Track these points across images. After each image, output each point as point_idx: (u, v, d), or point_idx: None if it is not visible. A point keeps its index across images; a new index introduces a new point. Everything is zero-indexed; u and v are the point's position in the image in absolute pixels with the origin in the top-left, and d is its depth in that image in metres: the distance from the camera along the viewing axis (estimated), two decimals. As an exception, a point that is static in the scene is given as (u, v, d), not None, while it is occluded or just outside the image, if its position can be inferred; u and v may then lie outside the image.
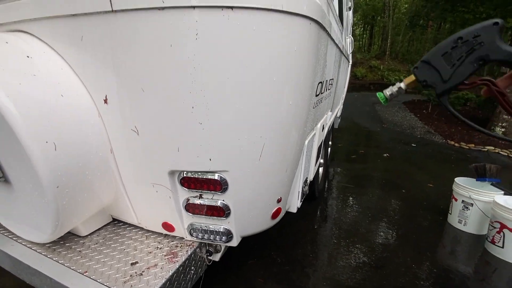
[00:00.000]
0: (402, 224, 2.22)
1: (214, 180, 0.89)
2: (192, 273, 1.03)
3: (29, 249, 1.02)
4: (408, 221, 2.27)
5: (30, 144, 0.71)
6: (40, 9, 0.82)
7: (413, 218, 2.32)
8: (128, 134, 0.87)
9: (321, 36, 0.95)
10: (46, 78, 0.80)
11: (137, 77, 0.79)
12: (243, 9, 0.69)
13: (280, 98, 0.83)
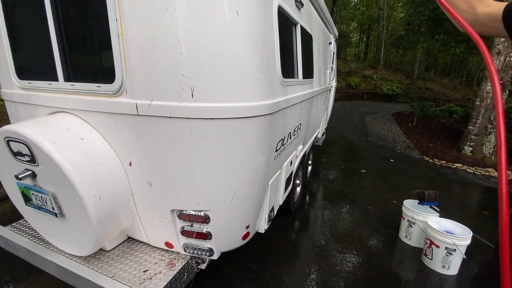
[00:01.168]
0: (360, 237, 2.68)
1: (201, 216, 1.34)
2: (185, 278, 1.47)
3: (71, 260, 1.46)
4: (366, 235, 2.73)
5: (86, 197, 1.16)
6: (91, 106, 1.27)
7: (371, 232, 2.78)
8: (144, 185, 1.32)
9: (275, 118, 1.41)
10: (93, 152, 1.25)
11: (151, 153, 1.24)
12: (219, 119, 1.15)
13: (243, 168, 1.29)
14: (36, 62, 1.46)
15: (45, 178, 1.23)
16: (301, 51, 2.00)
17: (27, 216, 1.53)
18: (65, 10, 1.26)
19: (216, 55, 1.09)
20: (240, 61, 1.13)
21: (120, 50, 1.12)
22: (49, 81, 1.39)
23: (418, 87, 19.36)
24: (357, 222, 2.98)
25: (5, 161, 1.32)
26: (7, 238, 1.61)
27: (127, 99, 1.18)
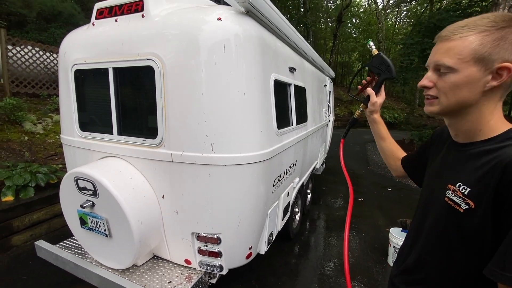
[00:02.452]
0: (352, 262, 2.97)
1: (214, 238, 1.74)
2: (200, 289, 1.84)
3: (111, 272, 1.84)
4: (358, 260, 3.02)
5: (132, 222, 1.59)
6: (137, 154, 1.75)
7: (363, 257, 3.07)
8: (172, 213, 1.75)
9: (272, 161, 1.85)
10: (137, 188, 1.70)
11: (179, 189, 1.69)
12: (230, 165, 1.60)
13: (247, 201, 1.71)
14: (96, 120, 1.97)
15: (102, 207, 1.68)
16: (295, 103, 2.50)
17: (78, 236, 1.95)
18: (124, 85, 1.79)
19: (229, 122, 1.57)
20: (245, 125, 1.61)
21: (163, 117, 1.62)
22: (105, 134, 1.89)
23: (419, 115, 19.87)
24: (351, 248, 3.28)
25: (71, 194, 1.78)
26: (57, 255, 2.02)
27: (165, 150, 1.66)
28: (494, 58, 0.64)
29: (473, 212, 0.67)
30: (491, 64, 0.65)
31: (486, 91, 0.68)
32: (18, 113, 4.46)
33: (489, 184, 0.64)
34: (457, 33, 0.69)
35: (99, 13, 1.85)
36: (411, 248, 0.89)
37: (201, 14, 1.60)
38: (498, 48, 0.64)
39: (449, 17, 6.40)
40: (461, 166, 0.75)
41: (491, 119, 0.70)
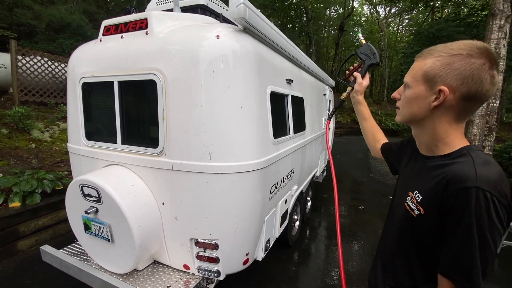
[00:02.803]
0: (348, 268, 2.99)
1: (212, 244, 1.80)
2: (198, 294, 1.89)
3: (112, 276, 1.91)
4: (356, 267, 3.04)
5: (134, 227, 1.67)
6: (140, 162, 1.84)
7: (361, 265, 3.09)
8: (172, 220, 1.82)
9: (268, 169, 1.92)
10: (139, 195, 1.78)
11: (179, 196, 1.76)
12: (227, 173, 1.67)
13: (243, 208, 1.78)
14: (101, 129, 2.07)
15: (105, 213, 1.76)
16: (292, 113, 2.58)
17: (81, 241, 2.03)
18: (128, 98, 1.89)
19: (226, 132, 1.66)
20: (242, 135, 1.69)
21: (164, 127, 1.71)
22: (110, 143, 1.99)
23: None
24: (349, 255, 3.30)
25: (76, 200, 1.87)
26: (62, 259, 2.10)
27: (166, 159, 1.74)
28: (437, 80, 0.73)
29: (423, 218, 0.76)
30: (435, 85, 0.74)
31: (433, 109, 0.76)
32: (27, 121, 4.61)
33: (436, 195, 0.73)
34: (422, 56, 0.78)
35: (106, 29, 1.97)
36: (384, 246, 0.98)
37: (201, 31, 1.71)
38: (443, 72, 0.72)
39: (448, 27, 6.50)
40: (421, 176, 0.83)
41: (447, 137, 0.78)
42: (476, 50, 0.70)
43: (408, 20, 27.71)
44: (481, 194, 0.64)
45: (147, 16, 1.78)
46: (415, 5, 10.28)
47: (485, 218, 0.63)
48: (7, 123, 4.61)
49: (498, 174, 0.68)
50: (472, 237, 0.64)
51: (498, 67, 0.72)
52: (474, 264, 0.64)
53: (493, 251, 0.65)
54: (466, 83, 0.70)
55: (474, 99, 0.72)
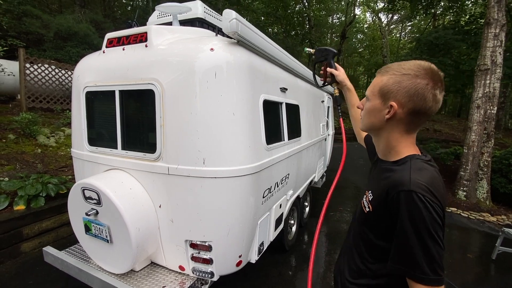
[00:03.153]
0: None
1: (205, 245, 1.88)
2: (192, 295, 1.96)
3: (111, 276, 1.99)
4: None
5: (131, 229, 1.75)
6: (138, 167, 1.94)
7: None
8: (168, 222, 1.91)
9: (261, 174, 2.01)
10: (137, 198, 1.88)
11: (175, 199, 1.85)
12: (220, 177, 1.76)
13: (236, 211, 1.86)
14: (103, 135, 2.18)
15: (104, 215, 1.85)
16: (287, 120, 2.68)
17: (82, 242, 2.12)
18: (128, 106, 2.00)
19: (219, 138, 1.75)
20: (234, 141, 1.79)
21: (161, 134, 1.81)
22: (111, 148, 2.09)
23: (426, 128, 19.75)
24: (345, 261, 3.33)
25: (78, 203, 1.97)
26: (63, 260, 2.18)
27: (162, 163, 1.84)
28: (389, 96, 0.83)
29: (371, 214, 0.87)
30: (387, 100, 0.84)
31: (387, 121, 0.86)
32: (33, 127, 4.77)
33: (381, 196, 0.82)
34: (381, 72, 0.88)
35: (109, 42, 2.10)
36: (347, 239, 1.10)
37: (197, 44, 1.83)
38: (394, 89, 0.82)
39: (445, 35, 6.60)
40: (375, 177, 0.93)
41: (397, 145, 0.88)
42: (422, 71, 0.79)
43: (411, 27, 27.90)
44: (414, 196, 0.73)
45: (147, 30, 1.91)
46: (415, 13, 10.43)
47: (422, 218, 0.72)
48: (14, 128, 4.78)
49: (429, 179, 0.77)
50: (412, 236, 0.73)
51: (442, 87, 0.81)
52: (418, 258, 0.73)
53: (440, 244, 0.73)
54: (412, 100, 0.80)
55: (419, 114, 0.81)
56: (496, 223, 5.04)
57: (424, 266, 0.72)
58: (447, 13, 11.50)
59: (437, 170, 0.83)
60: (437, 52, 6.92)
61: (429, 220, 0.72)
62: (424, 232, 0.72)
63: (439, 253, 0.72)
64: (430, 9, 10.28)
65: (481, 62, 5.14)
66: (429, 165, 0.83)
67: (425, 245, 0.72)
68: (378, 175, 0.92)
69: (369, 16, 29.73)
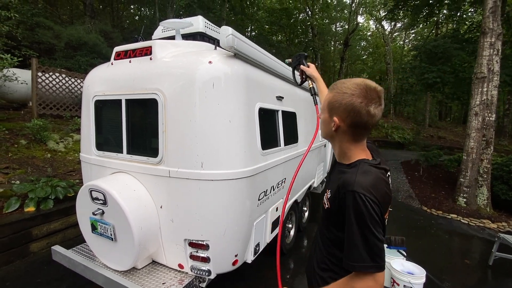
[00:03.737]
0: (342, 278, 3.10)
1: (203, 244, 2.00)
2: (190, 292, 2.07)
3: (114, 273, 2.12)
4: (348, 276, 3.15)
5: (134, 227, 1.89)
6: (142, 170, 2.09)
7: (353, 274, 3.19)
8: (168, 222, 2.04)
9: (256, 178, 2.13)
10: (140, 199, 2.02)
11: (175, 200, 1.99)
12: (217, 180, 1.90)
13: (231, 212, 1.99)
14: (109, 141, 2.34)
15: (110, 215, 1.99)
16: (283, 126, 2.81)
17: (88, 241, 2.26)
18: (133, 113, 2.17)
19: (216, 144, 1.89)
20: (230, 146, 1.93)
21: (163, 139, 1.97)
22: (116, 153, 2.25)
23: (430, 135, 19.67)
24: (342, 264, 3.40)
25: (85, 203, 2.11)
26: (70, 258, 2.32)
27: (164, 167, 1.98)
28: (333, 112, 0.98)
29: (330, 210, 1.00)
30: (332, 115, 0.99)
31: (335, 131, 1.00)
32: (44, 133, 4.99)
33: (335, 195, 0.96)
34: (330, 89, 1.03)
35: (117, 55, 2.28)
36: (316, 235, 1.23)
37: (197, 57, 1.99)
38: (336, 105, 0.97)
39: (444, 43, 6.72)
40: (334, 177, 1.07)
41: (348, 152, 1.02)
42: (358, 90, 0.92)
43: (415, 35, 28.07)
44: (357, 195, 0.86)
45: (152, 44, 2.08)
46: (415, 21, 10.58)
47: (362, 214, 0.85)
48: (26, 134, 5.00)
49: (372, 181, 0.89)
50: (355, 230, 0.85)
51: (379, 102, 0.93)
52: (361, 250, 0.85)
53: (377, 237, 0.85)
54: (350, 116, 0.94)
55: (358, 127, 0.95)
56: (497, 229, 5.04)
57: (364, 255, 0.84)
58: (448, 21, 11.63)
59: (383, 172, 0.96)
60: (437, 60, 7.03)
61: (368, 216, 0.84)
62: (364, 226, 0.84)
63: (377, 243, 0.85)
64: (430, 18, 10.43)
65: (478, 70, 5.23)
66: (376, 168, 0.95)
67: (365, 236, 0.84)
68: (335, 176, 1.06)
69: (372, 24, 30.04)
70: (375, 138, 19.04)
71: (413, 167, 10.96)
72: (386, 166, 1.01)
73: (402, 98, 9.21)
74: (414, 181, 8.73)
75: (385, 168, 0.99)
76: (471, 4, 8.98)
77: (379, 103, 0.93)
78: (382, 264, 0.85)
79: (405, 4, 8.89)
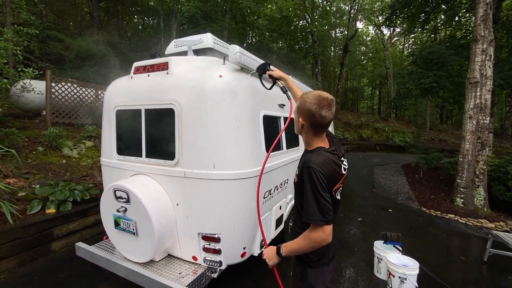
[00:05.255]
0: (341, 273, 3.30)
1: (215, 237, 2.24)
2: (203, 281, 2.30)
3: (135, 265, 2.35)
4: (346, 271, 3.35)
5: (155, 223, 2.14)
6: (160, 171, 2.34)
7: (352, 270, 3.40)
8: (184, 218, 2.29)
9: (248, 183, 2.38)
10: (158, 197, 2.27)
11: (190, 198, 2.24)
12: (227, 180, 2.15)
13: (240, 208, 2.23)
14: (129, 146, 2.61)
15: (132, 212, 2.24)
16: (285, 131, 3.06)
17: (111, 236, 2.50)
18: (152, 122, 2.43)
19: (226, 147, 2.15)
20: (238, 150, 2.18)
21: (179, 144, 2.23)
22: (136, 156, 2.51)
23: (431, 138, 19.82)
24: (343, 260, 3.61)
25: (109, 201, 2.37)
26: (94, 253, 2.56)
27: (180, 168, 2.24)
28: (299, 115, 1.36)
29: (297, 183, 1.37)
30: (299, 117, 1.36)
31: (302, 128, 1.37)
32: (59, 140, 5.29)
33: (300, 170, 1.34)
34: (300, 97, 1.39)
35: (136, 69, 2.56)
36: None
37: (209, 71, 2.26)
38: (300, 110, 1.35)
39: (439, 50, 6.98)
40: (300, 160, 1.43)
41: (311, 142, 1.40)
42: (314, 99, 1.30)
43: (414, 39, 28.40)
44: (311, 169, 1.25)
45: (168, 60, 2.36)
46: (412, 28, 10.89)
47: (314, 181, 1.23)
48: (42, 141, 5.30)
49: (323, 160, 1.28)
50: (309, 193, 1.24)
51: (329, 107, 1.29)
52: (314, 208, 1.22)
53: (325, 199, 1.22)
54: (308, 118, 1.33)
55: (316, 125, 1.33)
56: (494, 229, 5.20)
57: (316, 211, 1.20)
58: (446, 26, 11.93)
59: (335, 157, 1.34)
60: (433, 65, 7.28)
61: (318, 183, 1.23)
62: (315, 190, 1.23)
63: (325, 203, 1.21)
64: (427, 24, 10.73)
65: (471, 76, 5.47)
66: (329, 153, 1.33)
67: (316, 198, 1.23)
68: (301, 158, 1.45)
69: (371, 29, 30.45)
70: (376, 141, 19.22)
71: (414, 169, 11.12)
72: (339, 153, 1.39)
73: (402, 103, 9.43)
74: (414, 184, 8.90)
75: (338, 154, 1.37)
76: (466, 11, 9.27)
77: (329, 108, 1.30)
78: (329, 219, 1.23)
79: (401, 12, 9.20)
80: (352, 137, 18.98)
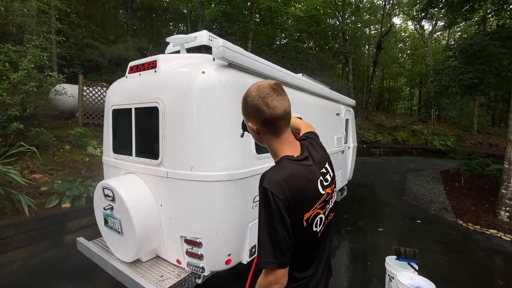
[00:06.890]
0: None
1: (197, 242, 2.14)
2: (186, 286, 2.20)
3: (122, 264, 2.34)
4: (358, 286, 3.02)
5: (136, 223, 2.10)
6: (146, 171, 2.31)
7: (362, 285, 3.05)
8: (167, 219, 2.22)
9: (249, 180, 2.22)
10: (143, 197, 2.23)
11: (172, 199, 2.16)
12: (206, 181, 2.03)
13: (222, 212, 2.10)
14: (122, 145, 2.63)
15: (117, 210, 2.24)
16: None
17: (103, 233, 2.54)
18: (141, 120, 2.42)
19: (209, 148, 2.04)
20: (222, 150, 2.06)
21: (163, 143, 2.17)
22: (127, 155, 2.52)
23: (479, 142, 17.68)
24: (352, 275, 3.27)
25: (99, 199, 2.40)
26: (89, 248, 2.62)
27: (163, 168, 2.18)
28: (247, 120, 1.05)
29: None
30: (247, 121, 1.05)
31: (257, 135, 1.05)
32: (84, 139, 5.66)
33: None
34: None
35: (130, 69, 2.58)
36: None
37: (195, 67, 2.18)
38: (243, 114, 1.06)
39: (482, 41, 6.11)
40: None
41: (275, 149, 1.05)
42: (252, 92, 0.97)
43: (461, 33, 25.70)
44: (264, 190, 0.89)
45: (156, 58, 2.33)
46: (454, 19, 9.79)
47: (267, 208, 0.88)
48: (70, 140, 5.72)
49: (284, 176, 0.91)
50: (262, 223, 0.89)
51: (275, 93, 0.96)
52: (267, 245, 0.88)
53: (279, 232, 0.86)
54: (255, 117, 0.98)
55: (268, 122, 0.97)
56: (549, 250, 4.37)
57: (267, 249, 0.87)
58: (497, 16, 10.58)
59: (306, 168, 0.98)
60: (475, 59, 6.39)
61: (271, 212, 0.87)
62: (268, 220, 0.88)
63: (279, 240, 0.86)
64: (471, 15, 9.58)
65: (520, 69, 4.69)
66: (296, 163, 0.97)
67: (269, 232, 0.87)
68: None
69: (410, 24, 28.29)
70: (413, 145, 17.72)
71: (454, 177, 9.95)
72: (319, 161, 1.05)
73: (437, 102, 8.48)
74: (453, 192, 7.94)
75: (314, 163, 1.02)
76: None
77: (275, 94, 0.96)
78: (283, 261, 0.88)
79: (439, 1, 8.29)
80: (385, 139, 17.74)
